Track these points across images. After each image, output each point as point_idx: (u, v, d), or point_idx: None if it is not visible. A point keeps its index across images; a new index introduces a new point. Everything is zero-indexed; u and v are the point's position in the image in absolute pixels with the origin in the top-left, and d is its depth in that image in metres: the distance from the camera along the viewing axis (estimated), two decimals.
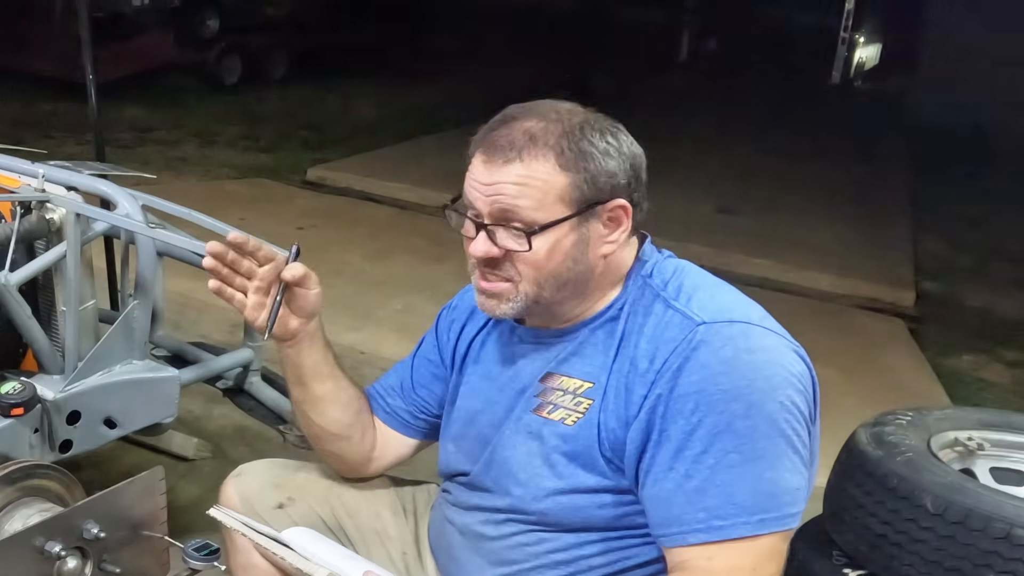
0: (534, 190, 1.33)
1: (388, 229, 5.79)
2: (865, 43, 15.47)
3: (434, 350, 1.65)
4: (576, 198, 1.34)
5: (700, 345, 1.29)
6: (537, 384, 1.44)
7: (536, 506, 1.41)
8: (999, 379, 4.38)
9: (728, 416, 1.26)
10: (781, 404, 1.27)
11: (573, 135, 1.34)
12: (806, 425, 1.31)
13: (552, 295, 1.39)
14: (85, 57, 3.26)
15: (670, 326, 1.34)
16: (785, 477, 1.27)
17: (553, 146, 1.33)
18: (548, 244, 1.35)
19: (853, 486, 1.89)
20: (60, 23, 8.28)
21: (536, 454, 1.41)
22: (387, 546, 1.66)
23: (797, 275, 5.49)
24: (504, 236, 1.35)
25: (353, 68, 10.70)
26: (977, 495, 1.75)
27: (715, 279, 1.46)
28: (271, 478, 1.68)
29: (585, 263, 1.38)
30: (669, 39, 15.25)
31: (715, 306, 1.35)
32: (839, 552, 1.92)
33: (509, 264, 1.37)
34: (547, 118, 1.35)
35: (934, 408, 2.17)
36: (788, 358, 1.32)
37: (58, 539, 1.35)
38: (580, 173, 1.33)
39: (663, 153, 7.78)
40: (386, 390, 1.67)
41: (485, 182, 1.35)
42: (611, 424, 1.35)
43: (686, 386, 1.28)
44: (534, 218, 1.33)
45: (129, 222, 2.23)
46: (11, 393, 1.95)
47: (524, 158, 1.33)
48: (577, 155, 1.33)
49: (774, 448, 1.26)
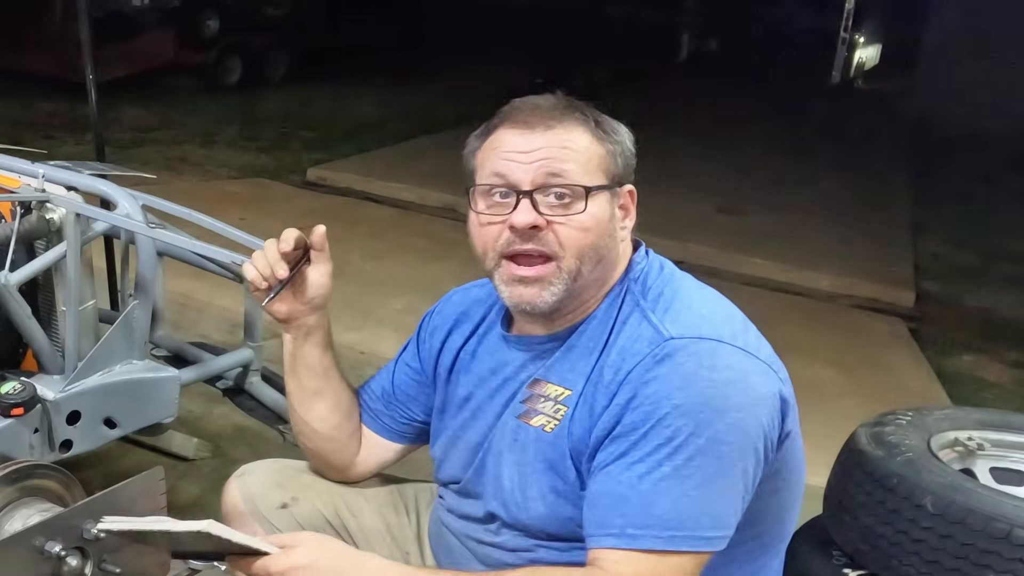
0: (579, 155, 1.34)
1: (388, 229, 5.79)
2: (865, 43, 15.47)
3: (415, 357, 1.63)
4: (610, 170, 1.36)
5: (664, 359, 1.28)
6: (524, 390, 1.43)
7: (521, 515, 1.40)
8: (999, 379, 4.38)
9: (672, 431, 1.24)
10: (730, 426, 1.25)
11: (593, 113, 1.37)
12: (761, 449, 1.28)
13: (588, 273, 1.36)
14: (85, 57, 3.25)
15: (640, 339, 1.32)
16: (713, 499, 1.25)
17: (586, 119, 1.36)
18: (594, 211, 1.34)
19: (853, 486, 1.89)
20: (60, 23, 8.29)
21: (520, 462, 1.40)
22: (390, 545, 1.66)
23: (797, 275, 5.49)
24: (551, 203, 1.33)
25: (353, 68, 10.70)
26: (977, 495, 1.75)
27: (701, 289, 1.43)
28: (275, 478, 1.68)
29: (613, 243, 1.38)
30: (669, 39, 15.24)
31: (688, 321, 1.32)
32: (839, 552, 1.92)
33: (552, 236, 1.33)
34: (561, 100, 1.38)
35: (934, 408, 2.17)
36: (753, 380, 1.29)
37: (58, 539, 1.35)
38: (612, 145, 1.36)
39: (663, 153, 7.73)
40: (370, 395, 1.67)
41: (525, 150, 1.33)
42: (577, 433, 1.34)
43: (642, 397, 1.27)
44: (582, 181, 1.33)
45: (129, 222, 2.23)
46: (11, 393, 1.95)
47: (565, 124, 1.34)
48: (606, 130, 1.36)
49: (709, 469, 1.24)
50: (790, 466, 1.39)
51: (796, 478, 1.43)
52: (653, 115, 9.76)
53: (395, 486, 1.73)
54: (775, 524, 1.43)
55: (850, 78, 14.97)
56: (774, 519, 1.42)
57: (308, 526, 1.63)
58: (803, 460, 1.43)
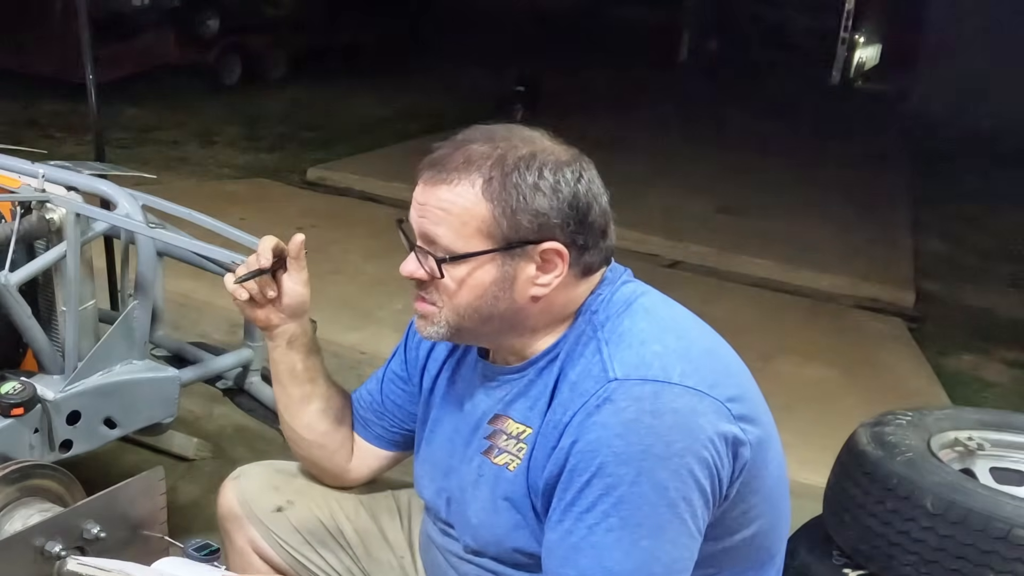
0: (454, 218, 1.30)
1: (388, 229, 5.70)
2: (865, 43, 15.46)
3: (402, 365, 1.62)
4: (498, 233, 1.29)
5: (605, 403, 1.25)
6: (486, 426, 1.41)
7: (491, 550, 1.41)
8: (999, 379, 4.38)
9: (615, 479, 1.22)
10: (675, 472, 1.22)
11: (505, 166, 1.29)
12: (708, 490, 1.25)
13: (476, 327, 1.35)
14: (85, 57, 3.25)
15: (588, 377, 1.29)
16: (664, 548, 1.23)
17: (483, 173, 1.29)
18: (460, 276, 1.31)
19: (853, 486, 1.89)
20: (60, 23, 8.28)
21: (486, 499, 1.39)
22: (386, 550, 1.66)
23: (797, 275, 5.48)
24: (424, 260, 1.33)
25: (353, 68, 10.70)
26: (977, 495, 1.75)
27: (662, 314, 1.38)
28: (270, 481, 1.68)
29: (510, 301, 1.33)
30: (669, 39, 15.24)
31: (635, 359, 1.28)
32: (839, 552, 1.93)
33: (433, 288, 1.35)
34: (494, 144, 1.32)
35: (934, 408, 2.17)
36: (700, 421, 1.25)
37: (58, 539, 1.35)
38: (501, 206, 1.28)
39: (663, 153, 7.77)
40: (361, 403, 1.66)
41: (420, 202, 1.34)
42: (533, 473, 1.33)
43: (584, 443, 1.25)
44: (450, 246, 1.31)
45: (129, 222, 2.24)
46: (11, 393, 1.95)
47: (452, 182, 1.30)
48: (502, 187, 1.29)
49: (657, 517, 1.22)
50: (762, 499, 1.35)
51: (773, 511, 1.39)
52: (652, 115, 9.78)
53: (390, 490, 1.73)
54: (760, 551, 1.41)
55: (850, 78, 14.96)
56: (759, 547, 1.40)
57: (303, 530, 1.63)
58: (781, 493, 1.40)
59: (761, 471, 1.33)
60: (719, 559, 1.34)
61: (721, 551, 1.34)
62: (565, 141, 1.38)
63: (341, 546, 1.64)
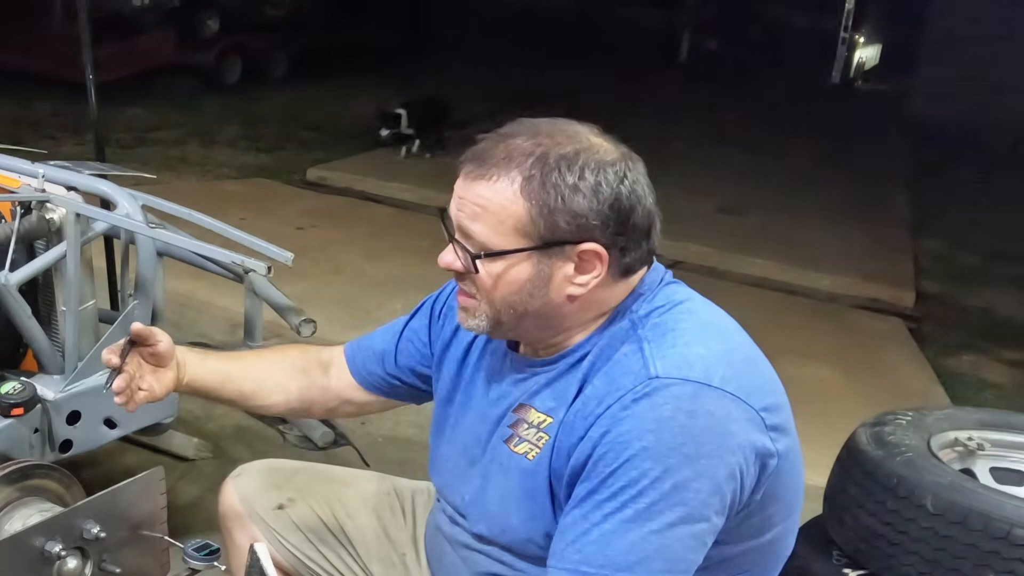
0: (491, 215, 1.29)
1: (388, 229, 5.78)
2: (865, 43, 15.46)
3: (425, 331, 1.62)
4: (534, 232, 1.28)
5: (643, 398, 1.25)
6: (511, 414, 1.42)
7: (504, 539, 1.41)
8: (999, 379, 4.38)
9: (640, 473, 1.22)
10: (700, 474, 1.22)
11: (547, 164, 1.27)
12: (727, 497, 1.25)
13: (513, 321, 1.35)
14: (85, 57, 3.26)
15: (627, 372, 1.28)
16: (670, 547, 1.23)
17: (523, 171, 1.27)
18: (496, 271, 1.31)
19: (853, 486, 1.89)
20: (60, 23, 8.28)
21: (503, 487, 1.40)
22: (387, 547, 1.66)
23: (797, 275, 5.49)
24: (461, 253, 1.33)
25: (353, 68, 10.70)
26: (977, 495, 1.75)
27: (706, 318, 1.37)
28: (271, 479, 1.68)
29: (545, 299, 1.32)
30: (669, 39, 15.24)
31: (679, 359, 1.27)
32: (839, 552, 1.93)
33: (470, 281, 1.35)
34: (537, 140, 1.29)
35: (934, 408, 2.17)
36: (733, 428, 1.24)
37: (58, 539, 1.35)
38: (538, 206, 1.27)
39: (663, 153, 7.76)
40: (365, 355, 1.67)
41: (459, 194, 1.33)
42: (556, 462, 1.33)
43: (615, 434, 1.25)
44: (486, 243, 1.30)
45: (129, 222, 2.24)
46: (11, 393, 1.95)
47: (491, 177, 1.28)
48: (541, 186, 1.27)
49: (671, 515, 1.22)
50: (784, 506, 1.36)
51: (791, 517, 1.40)
52: (653, 115, 9.78)
53: (392, 486, 1.73)
54: (775, 556, 1.41)
55: (850, 78, 14.96)
56: (775, 552, 1.41)
57: (304, 527, 1.63)
58: (799, 500, 1.41)
59: (784, 479, 1.33)
60: (739, 562, 1.35)
61: (741, 553, 1.34)
62: (615, 138, 1.36)
63: (342, 543, 1.65)
